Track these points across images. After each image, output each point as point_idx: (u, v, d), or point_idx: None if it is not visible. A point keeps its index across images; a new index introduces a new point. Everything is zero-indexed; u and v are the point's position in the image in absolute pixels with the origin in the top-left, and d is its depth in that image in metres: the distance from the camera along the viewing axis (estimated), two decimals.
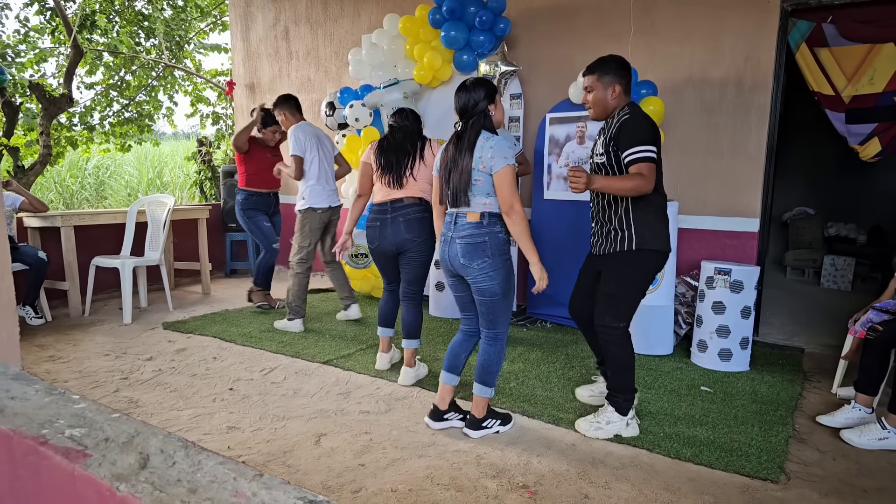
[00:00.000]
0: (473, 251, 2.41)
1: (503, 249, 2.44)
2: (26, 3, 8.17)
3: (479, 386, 2.57)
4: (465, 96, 2.46)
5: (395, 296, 3.32)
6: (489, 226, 2.42)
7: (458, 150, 2.43)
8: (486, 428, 2.58)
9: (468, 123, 2.46)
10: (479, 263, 2.40)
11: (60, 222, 4.47)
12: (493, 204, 2.42)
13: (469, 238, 2.41)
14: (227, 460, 0.98)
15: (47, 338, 3.95)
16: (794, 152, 6.86)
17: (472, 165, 2.38)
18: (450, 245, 2.48)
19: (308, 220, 4.06)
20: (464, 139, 2.43)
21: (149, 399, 2.92)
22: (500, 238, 2.44)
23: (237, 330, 4.10)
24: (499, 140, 2.38)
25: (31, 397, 1.24)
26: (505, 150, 2.37)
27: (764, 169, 3.88)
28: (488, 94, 2.46)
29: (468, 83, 2.49)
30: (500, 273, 2.42)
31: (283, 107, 4.23)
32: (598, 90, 2.52)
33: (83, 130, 8.72)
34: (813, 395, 3.13)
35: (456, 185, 2.42)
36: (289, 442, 2.48)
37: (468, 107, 2.46)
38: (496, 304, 2.46)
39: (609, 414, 2.60)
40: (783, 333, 4.24)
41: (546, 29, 4.59)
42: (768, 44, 3.77)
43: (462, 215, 2.45)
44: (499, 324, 2.51)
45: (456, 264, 2.47)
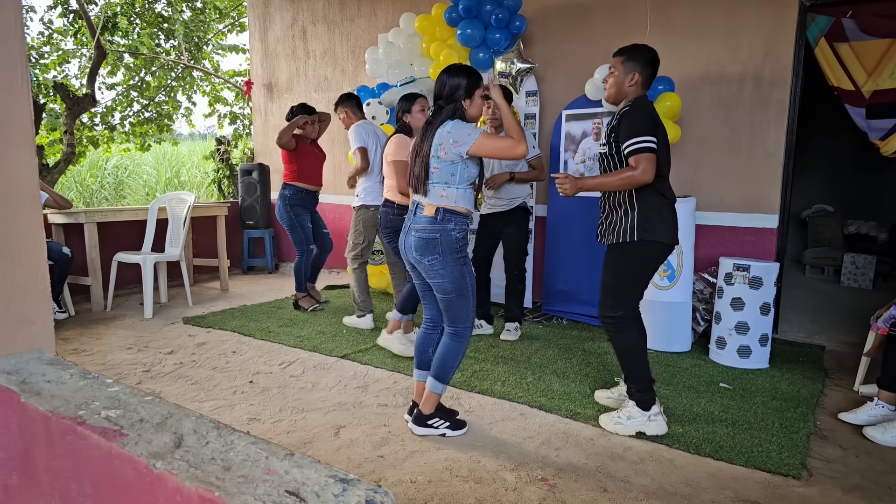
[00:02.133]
0: (425, 247, 2.36)
1: (455, 248, 2.37)
2: (50, 5, 8.34)
3: (431, 380, 2.50)
4: (443, 80, 2.36)
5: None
6: (443, 222, 2.34)
7: (423, 135, 2.38)
8: (430, 427, 2.50)
9: (439, 111, 2.37)
10: (429, 259, 2.36)
11: (84, 219, 4.55)
12: (449, 197, 2.34)
13: (422, 233, 2.36)
14: (259, 440, 1.01)
15: (71, 331, 4.03)
16: (812, 149, 6.77)
17: (430, 152, 2.33)
18: (406, 235, 2.44)
19: (362, 217, 4.11)
20: (431, 126, 2.36)
21: (171, 391, 2.97)
22: (453, 237, 2.36)
23: (256, 325, 4.15)
24: (454, 123, 2.31)
25: (67, 381, 1.28)
26: (465, 128, 2.30)
27: (783, 165, 3.84)
28: (468, 88, 2.36)
29: (452, 68, 2.39)
30: (451, 271, 2.36)
31: (346, 105, 4.27)
32: (619, 73, 2.53)
33: (104, 130, 8.87)
34: (834, 393, 3.10)
35: (417, 172, 2.37)
36: (309, 433, 2.51)
37: (443, 93, 2.36)
38: (451, 302, 2.41)
39: (630, 409, 2.58)
40: (803, 331, 4.19)
41: (562, 26, 4.59)
42: (787, 39, 3.73)
43: (421, 206, 2.39)
44: (458, 320, 2.45)
45: (410, 256, 2.44)
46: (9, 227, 1.30)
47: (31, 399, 1.11)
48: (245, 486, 0.81)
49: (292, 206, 4.50)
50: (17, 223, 1.31)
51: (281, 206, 4.49)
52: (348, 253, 4.19)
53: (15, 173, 1.30)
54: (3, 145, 1.26)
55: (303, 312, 4.53)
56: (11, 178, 1.29)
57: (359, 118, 4.28)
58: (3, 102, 1.25)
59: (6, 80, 1.25)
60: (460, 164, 2.32)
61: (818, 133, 6.63)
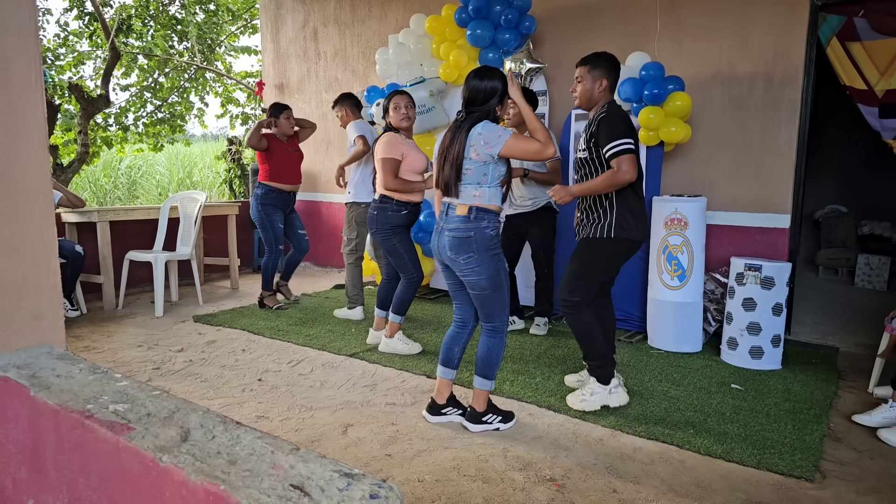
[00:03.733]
0: (459, 245, 2.40)
1: (489, 245, 2.41)
2: (66, 8, 8.44)
3: (478, 379, 2.55)
4: (477, 85, 2.40)
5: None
6: (476, 220, 2.39)
7: (454, 138, 2.40)
8: (485, 423, 2.55)
9: (471, 116, 2.40)
10: (464, 258, 2.41)
11: (97, 217, 4.60)
12: (482, 196, 2.39)
13: (456, 231, 2.41)
14: (265, 435, 1.01)
15: (82, 329, 4.07)
16: (826, 149, 6.69)
17: (463, 154, 2.36)
18: (440, 236, 2.48)
19: (353, 213, 4.28)
20: (462, 128, 2.39)
21: (180, 389, 2.99)
22: (487, 234, 2.40)
23: (265, 323, 4.17)
24: (485, 124, 2.36)
25: (76, 375, 1.29)
26: (496, 130, 2.35)
27: (795, 164, 3.80)
28: (501, 95, 2.42)
29: (482, 72, 2.42)
30: (487, 268, 2.40)
31: (344, 103, 4.42)
32: (586, 81, 2.70)
33: (118, 131, 8.97)
34: (848, 395, 3.05)
35: (447, 174, 2.40)
36: (316, 431, 2.52)
37: (477, 99, 2.40)
38: (487, 298, 2.46)
39: (592, 385, 2.77)
40: (816, 332, 4.14)
41: (571, 26, 4.57)
42: (798, 39, 3.70)
43: (453, 207, 2.44)
44: (494, 316, 2.50)
45: (444, 256, 2.48)
46: (21, 223, 1.31)
47: (41, 393, 1.12)
48: (250, 480, 0.81)
49: (263, 206, 4.52)
50: (29, 219, 1.32)
51: (253, 204, 4.57)
52: (344, 248, 4.35)
53: (28, 170, 1.31)
54: (17, 143, 1.28)
55: (277, 312, 4.52)
56: (24, 176, 1.30)
57: (356, 117, 4.44)
58: (17, 101, 1.27)
59: (21, 79, 1.26)
60: (491, 164, 2.39)
61: (831, 133, 6.55)
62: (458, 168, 2.37)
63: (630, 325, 4.07)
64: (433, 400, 2.65)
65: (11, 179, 1.27)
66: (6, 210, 1.26)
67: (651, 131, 3.73)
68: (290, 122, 4.63)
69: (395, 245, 3.43)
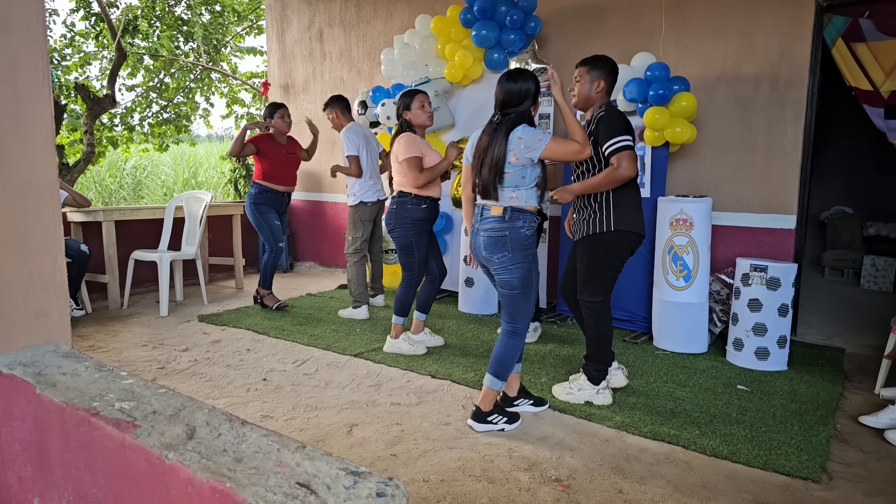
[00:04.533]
0: (494, 244, 2.43)
1: (524, 245, 2.44)
2: (73, 9, 8.48)
3: (490, 377, 2.54)
4: (511, 88, 2.43)
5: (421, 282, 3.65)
6: (511, 220, 2.42)
7: (492, 141, 2.43)
8: (490, 423, 2.54)
9: (506, 118, 2.44)
10: (498, 257, 2.43)
11: (102, 217, 4.61)
12: (519, 198, 2.43)
13: (491, 231, 2.44)
14: (271, 433, 1.00)
15: (87, 328, 4.08)
16: (831, 150, 6.66)
17: (505, 158, 2.39)
18: (475, 237, 2.53)
19: (359, 213, 4.36)
20: (499, 132, 2.42)
21: (185, 388, 2.99)
22: (522, 233, 2.43)
23: (270, 323, 4.17)
24: (524, 128, 2.39)
25: (82, 373, 1.29)
26: (536, 134, 2.39)
27: (800, 165, 3.78)
28: (534, 95, 2.46)
29: (515, 73, 2.46)
30: (520, 268, 2.43)
31: (335, 106, 4.46)
32: (584, 82, 2.75)
33: (124, 131, 9.00)
34: (855, 396, 3.03)
35: (486, 178, 2.43)
36: (321, 431, 2.52)
37: (512, 101, 2.44)
38: (516, 298, 2.48)
39: (581, 381, 2.83)
40: (822, 334, 4.12)
41: (576, 27, 4.56)
42: (803, 39, 3.68)
43: (488, 208, 2.47)
44: (518, 318, 2.51)
45: (479, 256, 2.52)
46: (28, 221, 1.31)
47: (47, 391, 1.12)
48: (256, 478, 0.81)
49: (257, 205, 4.52)
50: (36, 218, 1.33)
51: (247, 204, 4.58)
52: (348, 248, 4.38)
53: (35, 169, 1.31)
54: (24, 142, 1.28)
55: (268, 311, 4.50)
56: (31, 174, 1.30)
57: (348, 120, 4.48)
58: (25, 100, 1.27)
59: (28, 78, 1.26)
60: (529, 167, 2.42)
61: (837, 134, 6.52)
62: (498, 172, 2.39)
63: (635, 325, 4.06)
64: (505, 394, 2.70)
65: (19, 178, 1.28)
66: (13, 208, 1.27)
67: (656, 132, 3.72)
68: (286, 120, 4.62)
69: (411, 241, 3.43)
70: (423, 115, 3.42)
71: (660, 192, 3.87)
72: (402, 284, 3.53)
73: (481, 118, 4.62)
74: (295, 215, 6.70)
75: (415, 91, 3.46)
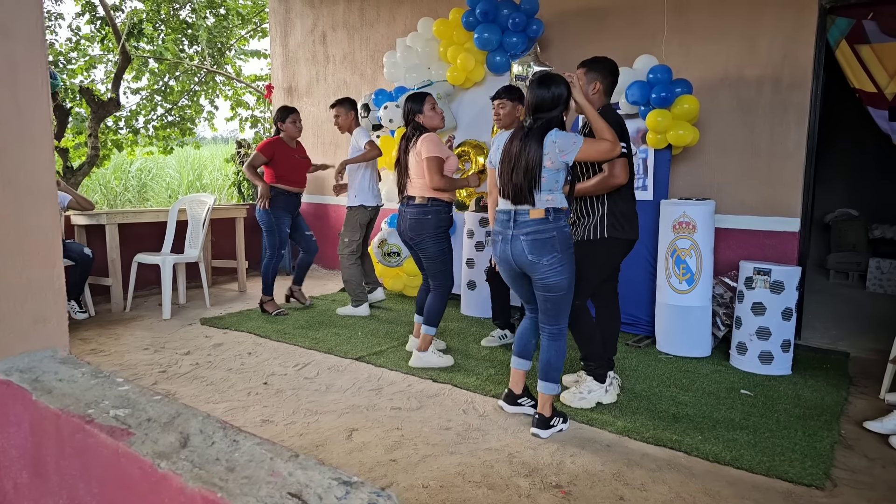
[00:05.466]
0: (542, 247, 2.40)
1: (569, 244, 2.46)
2: (78, 12, 8.52)
3: (544, 384, 2.55)
4: (543, 93, 2.40)
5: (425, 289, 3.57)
6: (555, 220, 2.41)
7: (524, 146, 2.39)
8: (553, 427, 2.55)
9: (539, 123, 2.41)
10: (549, 259, 2.40)
11: (105, 220, 4.63)
12: (556, 199, 2.42)
13: (536, 234, 2.41)
14: (264, 441, 1.00)
15: (90, 331, 4.09)
16: (836, 151, 6.62)
17: (541, 163, 2.36)
18: (512, 243, 2.46)
19: (358, 215, 4.44)
20: (531, 136, 2.39)
21: (186, 392, 2.99)
22: (566, 232, 2.45)
23: (272, 326, 4.17)
24: (557, 133, 2.39)
25: (78, 380, 1.29)
26: (569, 137, 2.39)
27: (804, 167, 3.76)
28: (566, 101, 2.44)
29: (546, 79, 2.43)
30: (568, 267, 2.44)
31: (350, 108, 4.53)
32: (582, 83, 2.75)
33: (129, 134, 9.04)
34: (860, 401, 3.01)
35: (519, 184, 2.39)
36: (321, 436, 2.51)
37: (545, 106, 2.41)
38: (561, 300, 2.48)
39: (589, 383, 2.85)
40: (827, 337, 4.09)
41: (579, 30, 4.55)
42: (806, 42, 3.67)
43: (523, 212, 2.43)
44: (562, 318, 2.54)
45: (522, 261, 2.46)
46: (26, 225, 1.31)
47: (43, 397, 1.12)
48: (248, 488, 0.80)
49: (273, 209, 4.47)
50: (34, 222, 1.32)
51: (260, 209, 4.50)
52: (343, 249, 4.44)
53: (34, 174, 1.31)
54: (23, 145, 1.28)
55: (288, 319, 4.41)
56: (30, 179, 1.30)
57: (358, 124, 4.57)
58: (24, 104, 1.27)
59: (28, 83, 1.26)
60: (563, 171, 2.42)
61: (841, 135, 6.48)
62: (534, 177, 2.37)
63: (639, 329, 4.04)
64: (510, 390, 2.73)
65: (18, 183, 1.28)
66: (12, 213, 1.27)
67: (659, 134, 3.71)
68: (297, 125, 4.61)
69: (444, 248, 3.36)
70: (436, 118, 3.39)
71: (662, 195, 3.86)
72: (434, 295, 3.38)
73: (484, 121, 4.62)
74: None
75: (423, 94, 3.40)
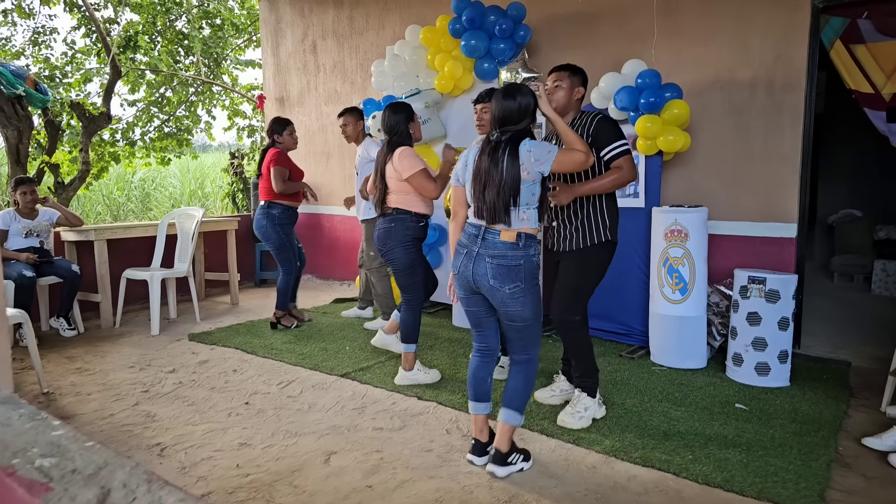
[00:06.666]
0: (506, 274, 2.22)
1: (535, 274, 2.27)
2: (74, 26, 8.53)
3: (507, 412, 2.32)
4: (509, 104, 2.26)
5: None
6: (525, 248, 2.23)
7: (495, 161, 2.23)
8: (511, 465, 2.32)
9: (507, 136, 2.26)
10: (510, 287, 2.22)
11: (94, 236, 4.59)
12: (530, 220, 2.25)
13: (503, 259, 2.22)
14: (189, 497, 0.93)
15: (77, 349, 4.05)
16: (837, 151, 6.50)
17: (520, 177, 2.20)
18: (476, 261, 2.27)
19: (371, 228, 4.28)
20: (503, 151, 2.23)
21: (166, 413, 2.93)
22: (535, 262, 2.26)
23: (259, 341, 4.11)
24: (531, 142, 2.25)
25: (14, 423, 1.22)
26: (544, 146, 2.25)
27: (800, 171, 3.67)
28: (534, 111, 2.31)
29: (513, 90, 2.29)
30: (531, 298, 2.26)
31: (360, 118, 4.35)
32: (566, 88, 2.71)
33: (125, 146, 9.03)
34: (860, 414, 2.90)
35: (493, 202, 2.21)
36: (298, 460, 2.44)
37: (512, 118, 2.26)
38: (527, 329, 2.30)
39: (584, 400, 2.75)
40: (828, 345, 3.98)
41: (568, 35, 4.48)
42: (799, 42, 3.58)
43: (494, 232, 2.25)
44: (531, 347, 2.35)
45: (482, 284, 2.26)
46: None
47: None
48: None
49: (282, 225, 4.32)
50: None
51: (269, 225, 4.26)
52: (371, 263, 4.27)
53: None
54: None
55: (283, 331, 4.35)
56: None
57: (367, 134, 4.42)
58: None
59: None
60: (538, 183, 2.27)
61: (843, 134, 6.36)
62: (514, 193, 2.20)
63: (633, 339, 3.95)
64: (477, 441, 2.41)
65: None
66: None
67: (649, 140, 3.63)
68: (294, 137, 4.44)
69: (414, 261, 3.27)
70: (420, 129, 3.38)
71: (654, 202, 3.77)
72: (405, 309, 3.31)
73: (473, 128, 4.53)
74: None
75: (406, 104, 3.36)
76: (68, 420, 2.88)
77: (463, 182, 2.39)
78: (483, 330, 2.45)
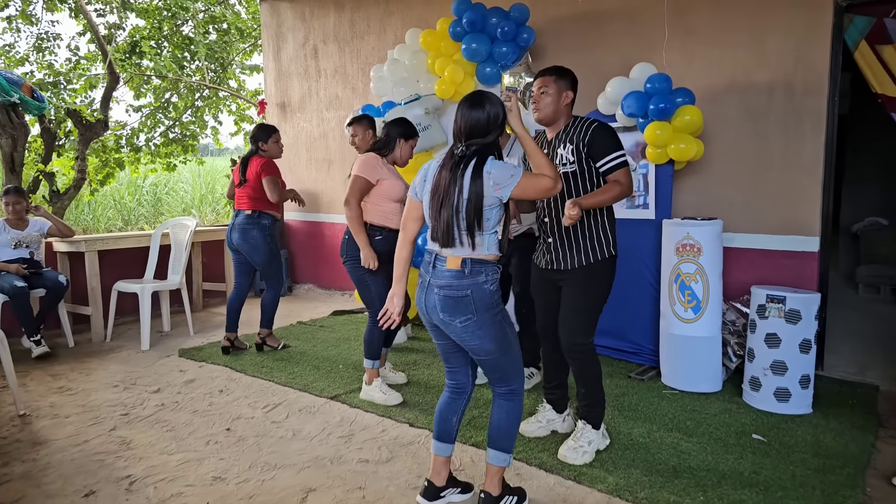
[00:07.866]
0: (454, 306, 1.99)
1: (490, 303, 2.00)
2: (79, 32, 8.48)
3: (494, 453, 2.11)
4: (477, 115, 2.01)
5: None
6: (472, 276, 1.98)
7: (455, 178, 1.99)
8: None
9: (472, 151, 2.01)
10: (461, 321, 1.99)
11: (84, 247, 4.47)
12: (482, 245, 1.99)
13: (448, 290, 2.00)
14: None
15: (64, 366, 3.91)
16: (863, 157, 6.19)
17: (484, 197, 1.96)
18: (427, 292, 2.06)
19: None
20: (465, 167, 1.98)
21: (142, 440, 2.77)
22: (486, 290, 1.99)
23: (249, 359, 3.95)
24: (492, 163, 1.99)
25: None
26: (506, 170, 1.98)
27: (822, 180, 3.42)
28: (503, 123, 2.06)
29: (480, 98, 2.04)
30: (490, 330, 2.00)
31: (369, 127, 3.86)
32: (554, 93, 2.52)
33: (130, 152, 8.97)
34: (889, 448, 2.66)
35: (447, 222, 1.97)
36: (273, 498, 2.26)
37: (479, 130, 2.01)
38: (497, 362, 2.06)
39: (588, 433, 2.57)
40: (854, 366, 3.72)
41: (574, 37, 4.27)
42: (821, 43, 3.34)
43: (442, 259, 2.03)
44: (511, 379, 2.11)
45: (434, 317, 2.06)
46: None
47: None
48: None
49: (272, 237, 4.10)
50: None
51: (259, 237, 3.99)
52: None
53: None
54: None
55: (273, 351, 4.11)
56: None
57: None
58: None
59: None
60: (496, 208, 1.99)
61: (869, 136, 6.04)
62: (478, 215, 1.95)
63: (643, 359, 3.72)
64: (430, 483, 2.19)
65: None
66: None
67: (659, 149, 3.41)
68: (279, 144, 4.19)
69: (362, 275, 3.13)
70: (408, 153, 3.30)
71: (665, 214, 3.55)
72: (367, 325, 3.24)
73: None
74: (293, 236, 6.51)
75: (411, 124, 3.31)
76: (40, 446, 2.73)
77: (420, 197, 2.13)
78: (452, 366, 2.21)
